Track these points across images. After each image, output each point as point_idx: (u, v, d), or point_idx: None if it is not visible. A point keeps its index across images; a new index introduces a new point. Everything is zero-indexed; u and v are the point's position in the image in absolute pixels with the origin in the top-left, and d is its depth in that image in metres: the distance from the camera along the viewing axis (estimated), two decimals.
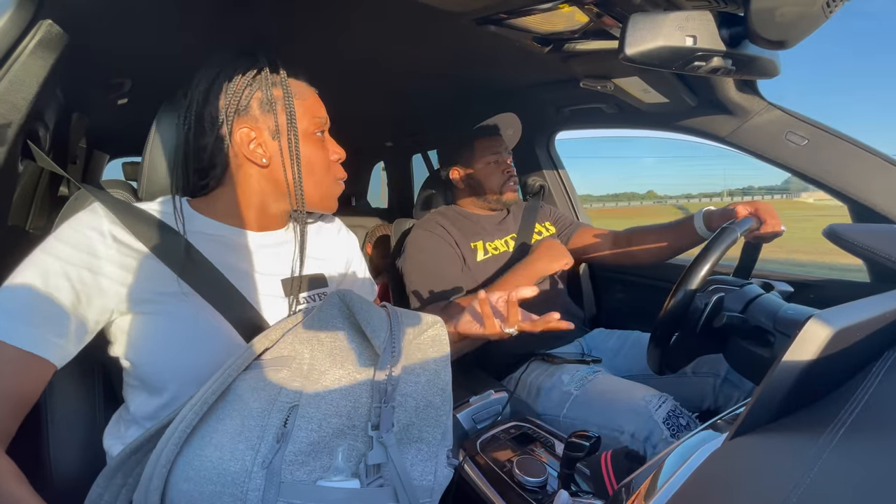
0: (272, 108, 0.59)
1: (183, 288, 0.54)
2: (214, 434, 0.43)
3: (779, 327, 0.67)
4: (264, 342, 0.50)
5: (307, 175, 0.62)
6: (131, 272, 0.52)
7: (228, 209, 0.62)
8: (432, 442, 0.47)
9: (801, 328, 0.36)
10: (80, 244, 0.51)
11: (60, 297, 0.48)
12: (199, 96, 0.59)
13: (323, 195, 0.65)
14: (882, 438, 0.32)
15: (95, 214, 0.53)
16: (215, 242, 0.59)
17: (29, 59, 0.60)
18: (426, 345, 0.49)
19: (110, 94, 1.02)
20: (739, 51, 0.60)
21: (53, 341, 0.48)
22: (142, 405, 0.55)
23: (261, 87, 0.59)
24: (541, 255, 1.07)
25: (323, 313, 0.49)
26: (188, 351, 0.54)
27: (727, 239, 0.75)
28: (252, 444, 0.41)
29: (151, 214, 0.56)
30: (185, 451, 0.43)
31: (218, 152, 0.60)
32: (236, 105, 0.58)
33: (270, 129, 0.59)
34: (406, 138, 1.97)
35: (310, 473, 0.41)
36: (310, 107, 0.63)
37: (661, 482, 0.39)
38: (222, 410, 0.45)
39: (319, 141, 0.64)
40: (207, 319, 0.55)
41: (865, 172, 0.89)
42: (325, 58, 0.96)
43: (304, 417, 0.42)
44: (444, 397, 0.48)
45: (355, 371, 0.44)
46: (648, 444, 0.79)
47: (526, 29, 0.79)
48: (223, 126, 0.58)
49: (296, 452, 0.41)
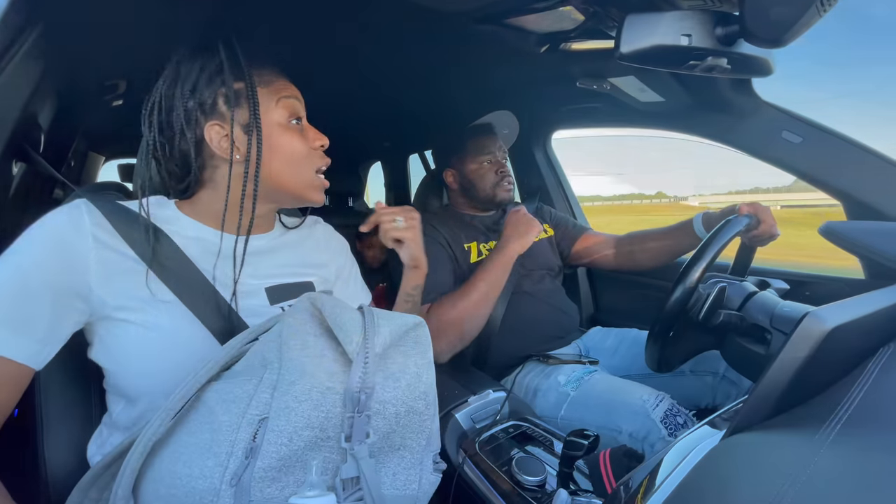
0: (238, 103, 0.56)
1: (165, 294, 0.52)
2: (185, 448, 0.41)
3: (775, 325, 0.67)
4: (235, 349, 0.48)
5: (287, 166, 0.59)
6: (111, 274, 0.50)
7: (211, 211, 0.59)
8: (416, 449, 0.45)
9: (797, 325, 0.36)
10: (59, 243, 0.49)
11: (37, 298, 0.47)
12: (161, 100, 0.56)
13: (305, 186, 0.61)
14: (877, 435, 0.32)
15: (78, 211, 0.51)
16: (201, 246, 0.57)
17: (23, 61, 0.59)
18: (407, 347, 0.46)
19: (104, 95, 1.02)
20: (734, 50, 0.60)
21: (31, 345, 0.47)
22: (122, 413, 0.54)
23: (224, 81, 0.56)
24: (510, 236, 1.06)
25: (292, 318, 0.46)
26: (164, 360, 0.52)
27: (731, 230, 0.76)
28: (220, 461, 0.39)
29: (140, 215, 0.54)
30: (157, 466, 0.41)
31: (190, 154, 0.57)
32: (200, 103, 0.55)
33: (241, 123, 0.56)
34: (403, 138, 1.97)
35: (282, 490, 0.39)
36: (277, 92, 0.59)
37: (659, 479, 0.39)
38: (193, 423, 0.43)
39: (295, 129, 0.60)
40: (187, 328, 0.53)
41: (860, 170, 0.90)
42: (322, 57, 0.95)
43: (273, 431, 0.39)
44: (428, 401, 0.45)
45: (326, 379, 0.41)
46: (646, 444, 0.79)
47: (523, 28, 0.80)
48: (192, 127, 0.56)
49: (265, 468, 0.38)
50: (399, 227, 0.73)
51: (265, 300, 0.60)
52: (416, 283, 0.79)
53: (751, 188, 47.54)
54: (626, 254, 1.21)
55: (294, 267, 0.65)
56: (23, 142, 0.66)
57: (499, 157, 1.20)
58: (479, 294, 0.98)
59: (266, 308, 0.60)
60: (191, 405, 0.44)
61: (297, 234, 0.70)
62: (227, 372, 0.47)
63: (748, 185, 63.96)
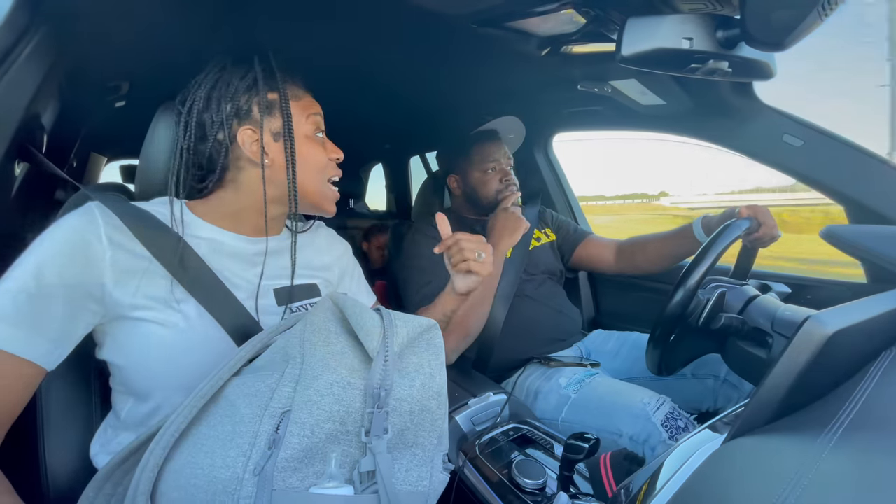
0: (271, 112, 0.60)
1: (179, 293, 0.53)
2: (206, 441, 0.42)
3: (777, 328, 0.67)
4: (256, 347, 0.49)
5: (310, 174, 0.63)
6: (126, 275, 0.52)
7: (227, 212, 0.62)
8: (427, 447, 0.46)
9: (798, 329, 0.36)
10: (74, 246, 0.50)
11: (52, 299, 0.48)
12: (199, 101, 0.59)
13: (323, 195, 0.65)
14: (879, 439, 0.32)
15: (91, 215, 0.52)
16: (212, 247, 0.59)
17: (26, 62, 0.60)
18: (421, 348, 0.48)
19: (107, 96, 1.02)
20: (735, 53, 0.60)
21: (44, 345, 0.48)
22: (131, 412, 0.55)
23: (259, 91, 0.60)
24: (500, 234, 1.05)
25: (315, 317, 0.48)
26: (179, 358, 0.53)
27: (731, 234, 0.76)
28: (243, 451, 0.40)
29: (152, 216, 0.55)
30: (176, 458, 0.42)
31: (218, 155, 0.60)
32: (237, 108, 0.59)
33: (272, 131, 0.61)
34: (404, 141, 1.98)
35: (302, 480, 0.40)
36: (306, 107, 0.64)
37: (660, 483, 0.39)
38: (214, 416, 0.44)
39: (319, 141, 0.65)
40: (202, 327, 0.54)
41: (861, 173, 0.89)
42: (323, 60, 0.96)
43: (296, 423, 0.41)
44: (440, 401, 0.47)
45: (348, 375, 0.43)
46: (647, 447, 0.79)
47: (524, 31, 0.80)
48: (225, 129, 0.59)
49: (288, 459, 0.40)
50: (479, 260, 0.73)
51: (273, 300, 0.62)
52: (455, 307, 0.80)
53: (752, 187, 46.49)
54: (628, 259, 1.21)
55: (299, 269, 0.67)
56: (26, 142, 0.66)
57: (503, 165, 1.19)
58: (477, 293, 0.98)
59: (274, 308, 0.62)
60: (211, 399, 0.45)
61: (301, 238, 0.71)
62: (247, 367, 0.48)
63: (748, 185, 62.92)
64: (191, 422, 0.44)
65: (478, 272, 0.73)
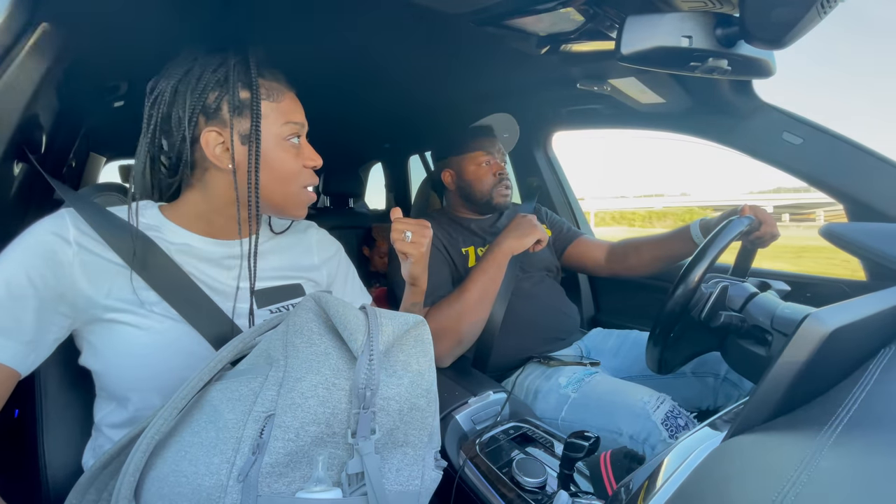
0: (242, 112, 0.56)
1: (151, 296, 0.53)
2: (190, 448, 0.41)
3: (776, 326, 0.67)
4: (237, 348, 0.49)
5: (276, 182, 0.59)
6: (98, 278, 0.51)
7: (197, 215, 0.60)
8: (419, 445, 0.45)
9: (798, 327, 0.36)
10: (44, 249, 0.49)
11: (24, 304, 0.48)
12: (166, 94, 0.55)
13: (291, 203, 0.62)
14: (878, 436, 0.32)
15: (62, 221, 0.51)
16: (185, 251, 0.58)
17: (24, 61, 0.59)
18: (409, 345, 0.47)
19: (106, 96, 1.02)
20: (735, 51, 0.60)
21: (15, 347, 0.48)
22: (110, 416, 0.55)
23: (230, 87, 0.56)
24: (506, 234, 1.03)
25: (298, 318, 0.47)
26: (154, 360, 0.52)
27: (733, 231, 0.76)
28: (227, 457, 0.40)
29: (124, 220, 0.54)
30: (160, 466, 0.42)
31: (185, 153, 0.56)
32: (203, 106, 0.55)
33: (241, 132, 0.56)
34: (403, 140, 1.97)
35: (288, 485, 0.39)
36: (284, 110, 0.59)
37: (660, 481, 0.39)
38: (198, 423, 0.43)
39: (293, 147, 0.60)
40: (176, 329, 0.54)
41: (861, 171, 0.90)
42: (323, 59, 0.96)
43: (280, 427, 0.40)
44: (430, 398, 0.46)
45: (332, 376, 0.42)
46: (647, 446, 0.79)
47: (523, 30, 0.80)
48: (190, 127, 0.55)
49: (272, 464, 0.39)
50: (406, 240, 0.72)
51: (253, 303, 0.61)
52: (414, 300, 0.79)
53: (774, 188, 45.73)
54: (620, 260, 1.20)
55: (282, 270, 0.66)
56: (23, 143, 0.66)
57: (497, 159, 1.18)
58: (474, 295, 0.98)
59: (254, 310, 0.60)
60: (194, 405, 0.44)
61: (286, 239, 0.70)
62: (230, 371, 0.48)
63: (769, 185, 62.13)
64: (175, 429, 0.43)
65: (404, 252, 0.72)
